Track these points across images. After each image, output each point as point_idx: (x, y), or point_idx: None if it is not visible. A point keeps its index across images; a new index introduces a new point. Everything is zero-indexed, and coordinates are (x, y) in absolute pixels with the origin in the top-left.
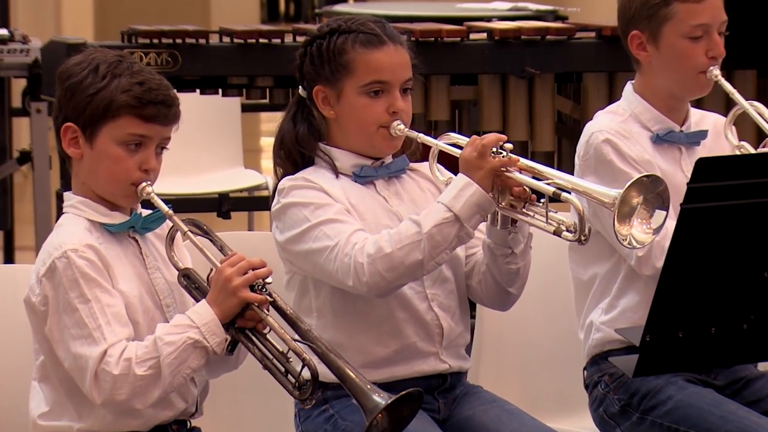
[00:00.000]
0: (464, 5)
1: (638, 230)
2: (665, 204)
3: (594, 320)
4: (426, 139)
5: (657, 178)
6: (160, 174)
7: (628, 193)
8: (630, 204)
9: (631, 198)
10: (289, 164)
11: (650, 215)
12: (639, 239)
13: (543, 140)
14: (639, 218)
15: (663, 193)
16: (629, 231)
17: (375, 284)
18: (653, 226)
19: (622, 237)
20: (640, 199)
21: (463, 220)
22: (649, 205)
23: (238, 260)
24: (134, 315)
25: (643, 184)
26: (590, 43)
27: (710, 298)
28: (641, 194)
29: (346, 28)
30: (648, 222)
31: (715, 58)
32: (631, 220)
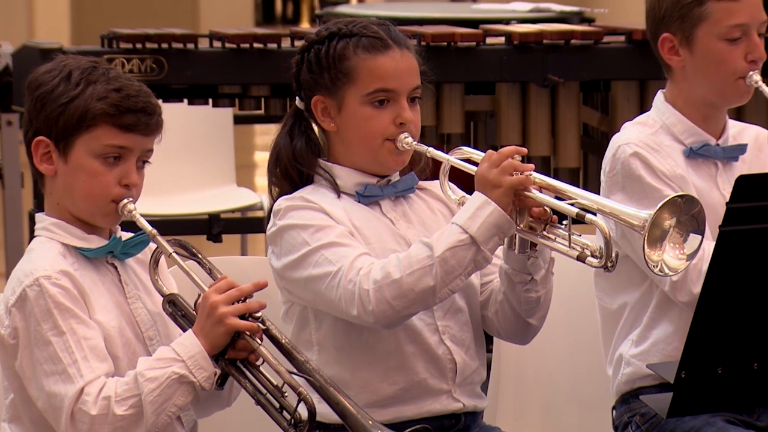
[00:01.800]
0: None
1: (670, 255)
2: (700, 227)
3: (623, 353)
4: (437, 154)
5: (692, 199)
6: (143, 193)
7: (660, 214)
8: (662, 227)
9: (663, 220)
10: (285, 182)
11: (684, 239)
12: (672, 266)
13: (567, 155)
14: (671, 242)
15: (698, 215)
16: (661, 256)
17: (382, 313)
18: (687, 251)
19: (653, 263)
20: (672, 222)
21: (480, 243)
22: (682, 228)
23: (227, 286)
24: (113, 348)
25: (676, 205)
26: (619, 48)
27: (752, 329)
28: (674, 216)
29: (347, 31)
30: (681, 247)
31: (755, 62)
32: (662, 244)
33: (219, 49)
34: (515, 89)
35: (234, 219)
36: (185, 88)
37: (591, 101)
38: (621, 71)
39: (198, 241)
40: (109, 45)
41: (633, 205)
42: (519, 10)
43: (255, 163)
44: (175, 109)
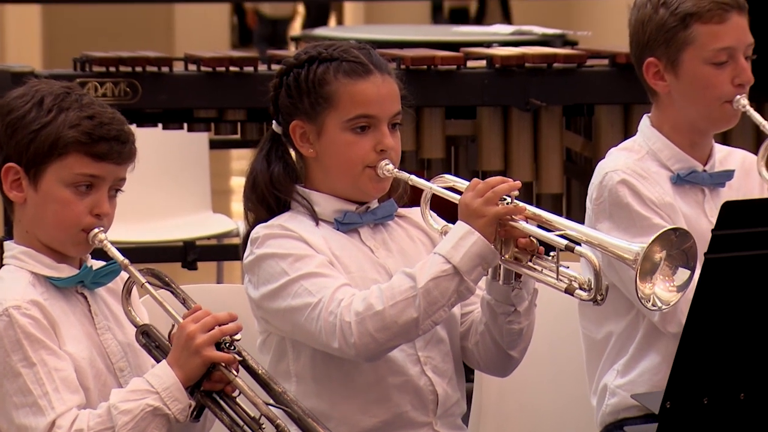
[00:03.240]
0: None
1: (661, 288)
2: (690, 262)
3: (608, 383)
4: (418, 182)
5: (685, 233)
6: (117, 219)
7: (652, 248)
8: (652, 260)
9: (654, 253)
10: (262, 209)
11: (673, 272)
12: (663, 299)
13: (550, 181)
14: (661, 275)
15: (689, 249)
16: (652, 289)
17: (364, 346)
18: (677, 284)
19: (644, 297)
20: (663, 255)
21: (464, 273)
22: (672, 261)
23: (203, 315)
24: (84, 380)
25: (668, 239)
26: (603, 72)
27: (739, 359)
28: (665, 249)
29: (328, 55)
30: (671, 279)
31: (742, 86)
32: (653, 277)
33: (194, 72)
34: (497, 113)
35: (210, 246)
36: (160, 113)
37: (574, 126)
38: (605, 95)
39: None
40: (82, 68)
41: (620, 233)
42: (500, 33)
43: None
44: (149, 134)
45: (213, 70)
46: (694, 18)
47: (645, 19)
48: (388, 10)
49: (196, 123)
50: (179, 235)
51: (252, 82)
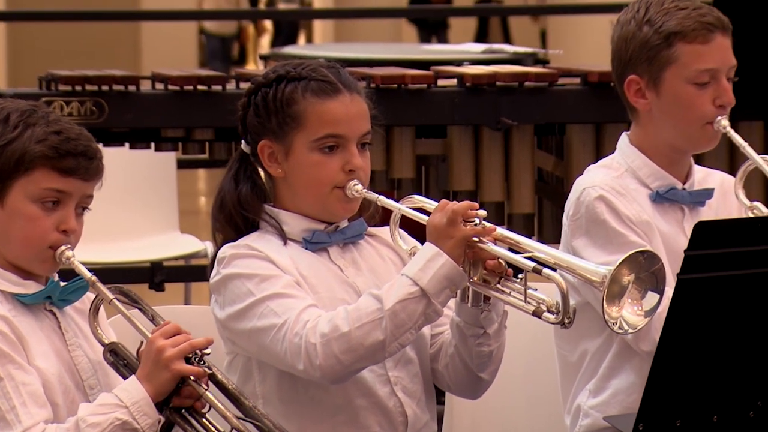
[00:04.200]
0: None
1: (629, 312)
2: (659, 286)
3: (582, 404)
4: (388, 203)
5: (653, 256)
6: (84, 240)
7: (619, 270)
8: (620, 283)
9: (622, 276)
10: (230, 229)
11: (642, 296)
12: (631, 322)
13: (521, 201)
14: (630, 298)
15: (658, 272)
16: (619, 312)
17: (330, 368)
18: (645, 308)
19: (612, 320)
20: (631, 278)
21: (431, 296)
22: (641, 284)
23: (172, 330)
24: (53, 396)
25: (636, 262)
26: (575, 91)
27: (712, 381)
28: (633, 272)
29: (296, 74)
30: (639, 303)
31: (724, 107)
32: (621, 300)
33: (161, 91)
34: (468, 132)
35: (177, 267)
36: (127, 132)
37: (546, 145)
38: (576, 114)
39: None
40: (48, 87)
41: (596, 250)
42: (471, 51)
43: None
44: (116, 154)
45: (180, 89)
46: (678, 37)
47: (628, 36)
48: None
49: (164, 142)
50: (146, 256)
51: (220, 101)
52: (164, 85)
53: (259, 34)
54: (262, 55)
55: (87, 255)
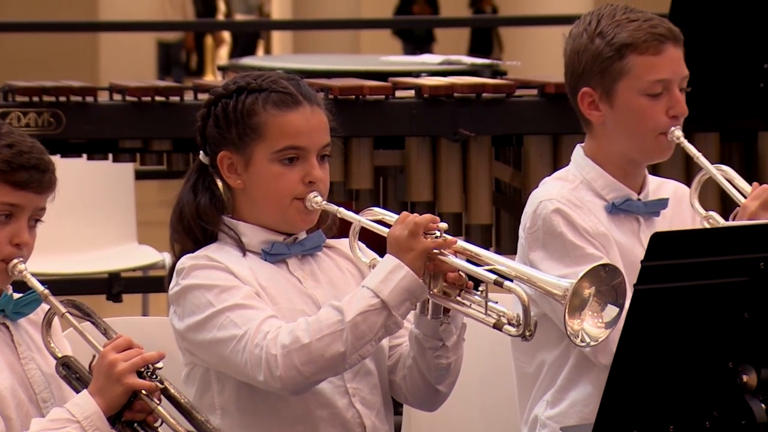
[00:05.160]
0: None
1: (590, 324)
2: (619, 300)
3: (539, 415)
4: (347, 215)
5: (615, 270)
6: (41, 251)
7: (581, 283)
8: (581, 296)
9: (583, 289)
10: (189, 240)
11: (602, 309)
12: (592, 335)
13: (479, 212)
14: (590, 311)
15: (618, 286)
16: (581, 325)
17: (290, 379)
18: (605, 320)
19: (573, 333)
20: (592, 291)
21: (392, 308)
22: (601, 297)
23: (124, 344)
24: (5, 410)
25: (598, 275)
26: (532, 102)
27: (668, 391)
28: (594, 285)
29: (256, 86)
30: (600, 316)
31: (677, 117)
32: (582, 313)
33: (119, 102)
34: (425, 144)
35: (135, 278)
36: (84, 143)
37: (503, 156)
38: (534, 125)
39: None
40: (5, 98)
41: (553, 262)
42: (429, 63)
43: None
44: (73, 165)
45: (138, 100)
46: (629, 49)
47: (581, 48)
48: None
49: (122, 153)
50: (104, 267)
51: (178, 112)
52: (122, 96)
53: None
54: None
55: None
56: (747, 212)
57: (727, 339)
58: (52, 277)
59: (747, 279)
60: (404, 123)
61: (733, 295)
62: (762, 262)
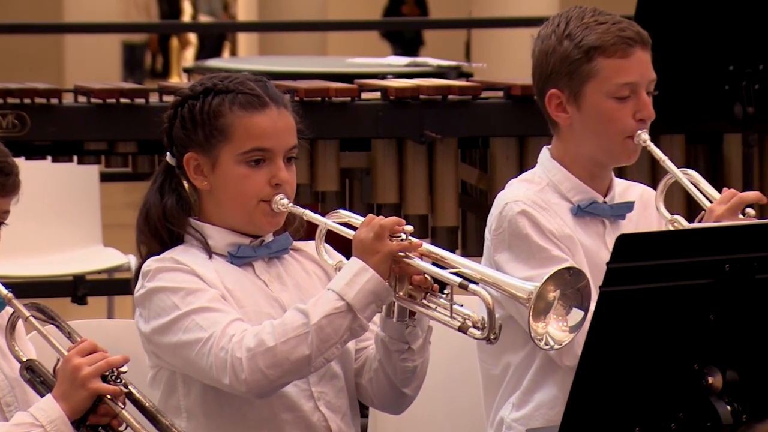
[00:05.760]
0: (356, 60)
1: (554, 328)
2: (584, 303)
3: (505, 417)
4: (313, 217)
5: (579, 273)
6: (6, 253)
7: (546, 287)
8: (546, 299)
9: (547, 292)
10: (155, 242)
11: (567, 312)
12: (556, 338)
13: (445, 214)
14: (555, 314)
15: (583, 289)
16: (545, 329)
17: (255, 383)
18: (570, 324)
19: (537, 336)
20: (557, 294)
21: (357, 311)
22: (566, 301)
23: (89, 347)
24: None
25: (562, 278)
26: (498, 104)
27: (634, 393)
28: (559, 289)
29: (223, 87)
30: (564, 319)
31: (644, 121)
32: (547, 316)
33: (84, 104)
34: (391, 146)
35: (100, 280)
36: (49, 145)
37: (469, 158)
38: (500, 127)
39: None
40: None
41: (519, 264)
42: (395, 65)
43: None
44: (38, 167)
45: (103, 102)
46: (598, 51)
47: (549, 50)
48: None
49: (87, 156)
50: (69, 270)
51: (143, 114)
52: (87, 98)
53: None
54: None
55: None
56: (713, 216)
57: (692, 341)
58: (17, 280)
59: (712, 281)
60: (370, 125)
61: (698, 297)
62: (727, 264)
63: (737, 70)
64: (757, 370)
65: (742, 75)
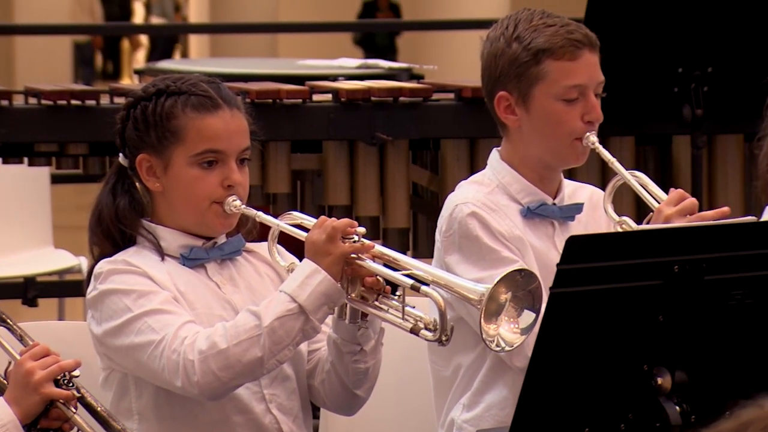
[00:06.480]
0: (307, 62)
1: (506, 329)
2: (536, 305)
3: (455, 418)
4: (266, 219)
5: (530, 275)
6: None
7: (497, 288)
8: (498, 301)
9: (499, 294)
10: (107, 244)
11: (518, 314)
12: (507, 339)
13: (396, 216)
14: (507, 316)
15: (535, 291)
16: (497, 330)
17: (208, 385)
18: (521, 326)
19: (489, 338)
20: (508, 296)
21: (309, 313)
22: (518, 303)
23: (41, 351)
24: None
25: (514, 280)
26: (449, 106)
27: (584, 394)
28: (510, 290)
29: (176, 89)
30: (516, 321)
31: (592, 123)
32: (498, 318)
33: (35, 105)
34: (343, 147)
35: (51, 282)
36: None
37: (420, 160)
38: (451, 129)
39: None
40: None
41: (469, 266)
42: (346, 67)
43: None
44: None
45: (54, 104)
46: (546, 54)
47: (498, 52)
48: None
49: (37, 157)
50: (20, 271)
51: (94, 115)
52: (37, 100)
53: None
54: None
55: None
56: (662, 217)
57: (641, 342)
58: None
59: (661, 282)
60: (321, 127)
61: (647, 298)
62: (676, 265)
63: (686, 73)
64: (706, 370)
65: (690, 77)
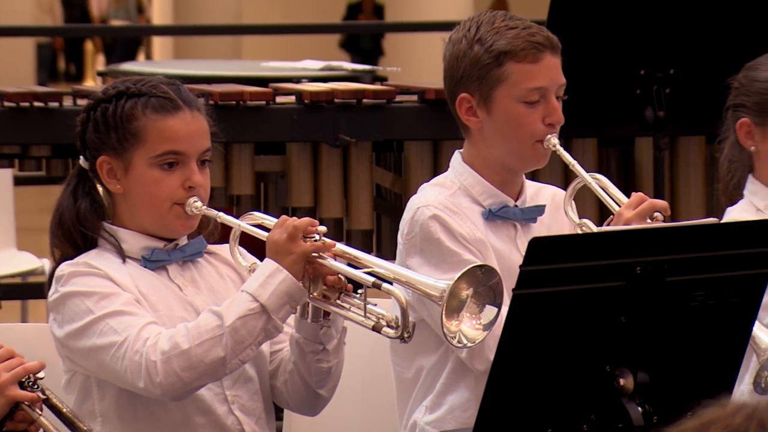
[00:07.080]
0: (270, 64)
1: (468, 326)
2: (497, 300)
3: (418, 420)
4: (227, 219)
5: (491, 270)
6: None
7: (458, 285)
8: (459, 297)
9: (460, 291)
10: (68, 246)
11: (480, 310)
12: (469, 336)
13: (360, 217)
14: (468, 313)
15: (496, 286)
16: (458, 327)
17: (170, 386)
18: (483, 321)
19: (450, 334)
20: (470, 292)
21: (271, 312)
22: (479, 298)
23: (5, 354)
24: None
25: (474, 276)
26: (412, 108)
27: (546, 395)
28: (471, 286)
29: (136, 90)
30: (478, 317)
31: (553, 125)
32: (460, 314)
33: None
34: (306, 149)
35: (14, 284)
36: None
37: (384, 162)
38: (414, 131)
39: None
40: None
41: (431, 268)
42: (310, 69)
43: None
44: None
45: (17, 105)
46: (508, 56)
47: (459, 54)
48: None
49: (0, 159)
50: None
51: (57, 117)
52: (0, 102)
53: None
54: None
55: None
56: (622, 219)
57: (604, 343)
58: None
59: (623, 283)
60: (285, 128)
61: (610, 299)
62: (638, 266)
63: (648, 74)
64: (668, 371)
65: (653, 79)
